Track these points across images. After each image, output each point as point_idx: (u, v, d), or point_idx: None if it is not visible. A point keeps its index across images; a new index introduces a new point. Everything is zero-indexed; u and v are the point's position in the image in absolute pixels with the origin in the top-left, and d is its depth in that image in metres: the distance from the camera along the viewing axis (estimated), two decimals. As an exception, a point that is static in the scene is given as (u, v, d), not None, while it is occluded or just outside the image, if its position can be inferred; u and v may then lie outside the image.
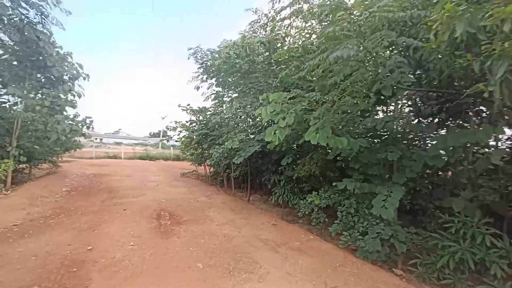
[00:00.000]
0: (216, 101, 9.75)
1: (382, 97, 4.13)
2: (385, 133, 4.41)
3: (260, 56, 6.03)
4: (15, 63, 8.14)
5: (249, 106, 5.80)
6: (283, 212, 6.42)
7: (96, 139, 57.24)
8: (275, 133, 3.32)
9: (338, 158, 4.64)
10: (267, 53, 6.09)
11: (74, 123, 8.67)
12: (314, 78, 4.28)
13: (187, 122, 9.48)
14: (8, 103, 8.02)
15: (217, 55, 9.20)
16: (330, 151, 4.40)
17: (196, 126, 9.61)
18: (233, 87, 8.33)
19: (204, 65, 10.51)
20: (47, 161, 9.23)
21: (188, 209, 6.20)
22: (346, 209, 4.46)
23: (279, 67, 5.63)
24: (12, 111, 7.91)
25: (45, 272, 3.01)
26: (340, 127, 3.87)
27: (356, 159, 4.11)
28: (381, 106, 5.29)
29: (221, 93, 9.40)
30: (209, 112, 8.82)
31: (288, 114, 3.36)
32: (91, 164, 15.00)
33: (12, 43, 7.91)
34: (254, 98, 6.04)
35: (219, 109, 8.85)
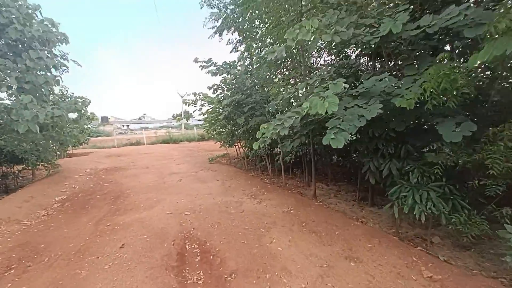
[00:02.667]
0: (247, 53, 6.58)
1: None
2: None
3: None
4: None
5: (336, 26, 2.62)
6: (396, 223, 3.49)
7: (123, 126, 58.07)
8: None
9: None
10: None
11: (55, 107, 6.21)
12: None
13: (210, 88, 6.53)
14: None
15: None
16: None
17: (223, 92, 6.67)
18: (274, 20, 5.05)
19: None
20: (40, 160, 7.04)
21: (231, 233, 3.50)
22: None
23: None
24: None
25: None
26: None
27: None
28: None
29: (254, 38, 6.18)
30: (238, 68, 5.74)
31: None
32: (108, 155, 13.14)
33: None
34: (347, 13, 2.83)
35: (255, 61, 5.73)
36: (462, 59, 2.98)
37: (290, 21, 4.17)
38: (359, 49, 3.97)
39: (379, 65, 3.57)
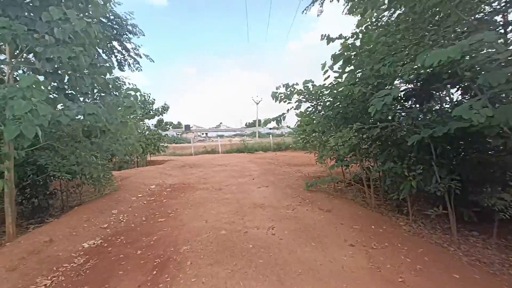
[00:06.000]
0: None
1: None
2: None
3: None
4: None
5: None
6: None
7: (202, 133, 62.80)
8: None
9: None
10: None
11: (98, 102, 4.17)
12: None
13: (336, 57, 3.19)
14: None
15: None
16: None
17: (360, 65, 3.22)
18: None
19: None
20: (83, 176, 5.18)
21: None
22: None
23: None
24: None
25: None
26: None
27: None
28: None
29: None
30: None
31: None
32: (182, 165, 11.61)
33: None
34: None
35: None
36: None
37: None
38: None
39: None
